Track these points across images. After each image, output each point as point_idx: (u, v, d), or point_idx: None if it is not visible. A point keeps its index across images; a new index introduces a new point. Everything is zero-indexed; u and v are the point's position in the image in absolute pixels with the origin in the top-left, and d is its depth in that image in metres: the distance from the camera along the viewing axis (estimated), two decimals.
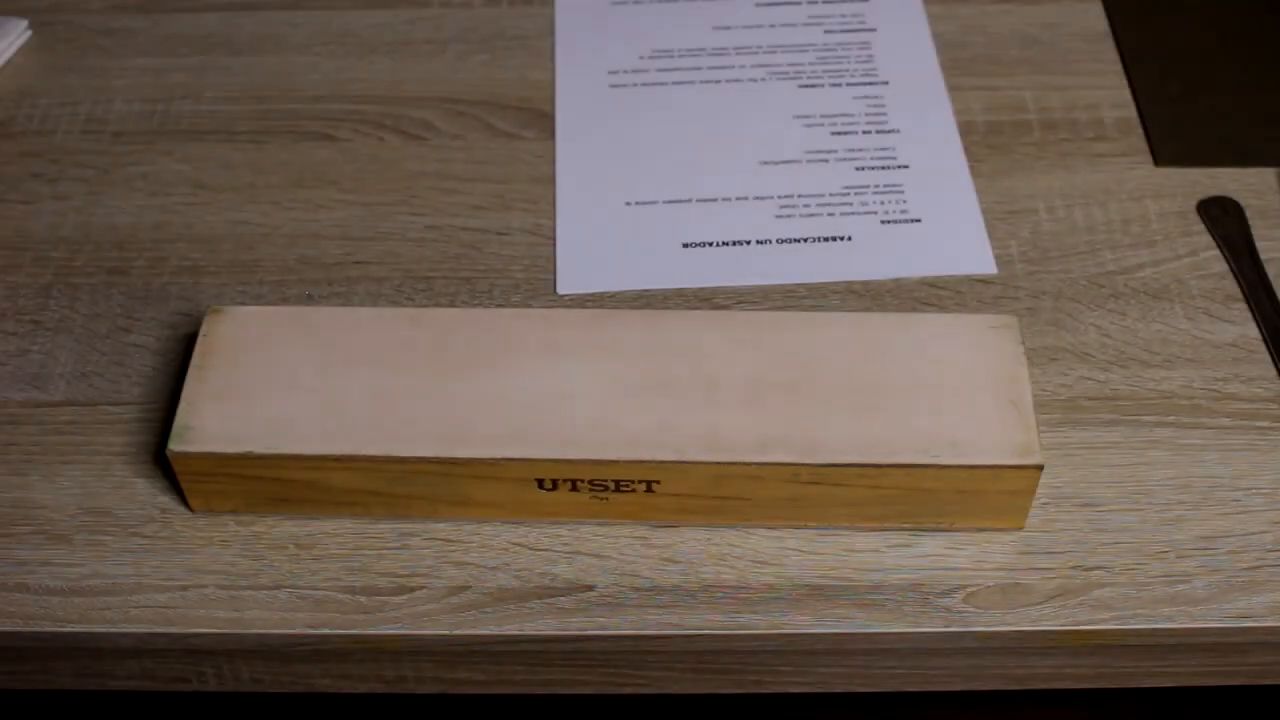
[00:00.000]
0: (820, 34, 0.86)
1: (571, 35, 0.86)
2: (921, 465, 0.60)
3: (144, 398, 0.68)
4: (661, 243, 0.75)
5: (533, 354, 0.63)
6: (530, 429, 0.61)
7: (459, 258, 0.74)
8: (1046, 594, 0.61)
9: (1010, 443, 0.60)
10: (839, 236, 0.75)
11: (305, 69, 0.84)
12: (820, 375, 0.62)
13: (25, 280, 0.74)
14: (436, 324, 0.64)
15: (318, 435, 0.61)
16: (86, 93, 0.83)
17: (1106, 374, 0.68)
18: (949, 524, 0.62)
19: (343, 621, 0.61)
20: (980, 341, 0.63)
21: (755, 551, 0.63)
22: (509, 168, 0.79)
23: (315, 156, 0.79)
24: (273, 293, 0.73)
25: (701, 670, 0.64)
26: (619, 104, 0.82)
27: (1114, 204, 0.76)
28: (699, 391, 0.62)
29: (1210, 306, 0.71)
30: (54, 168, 0.79)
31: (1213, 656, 0.63)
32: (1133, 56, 0.83)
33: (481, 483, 0.61)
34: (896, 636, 0.61)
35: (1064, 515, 0.64)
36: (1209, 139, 0.79)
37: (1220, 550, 0.62)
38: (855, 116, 0.81)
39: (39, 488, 0.65)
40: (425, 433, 0.61)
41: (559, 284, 0.73)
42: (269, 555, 0.63)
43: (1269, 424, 0.67)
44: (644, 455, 0.60)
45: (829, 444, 0.60)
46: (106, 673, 0.65)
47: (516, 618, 0.61)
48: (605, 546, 0.63)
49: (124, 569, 0.63)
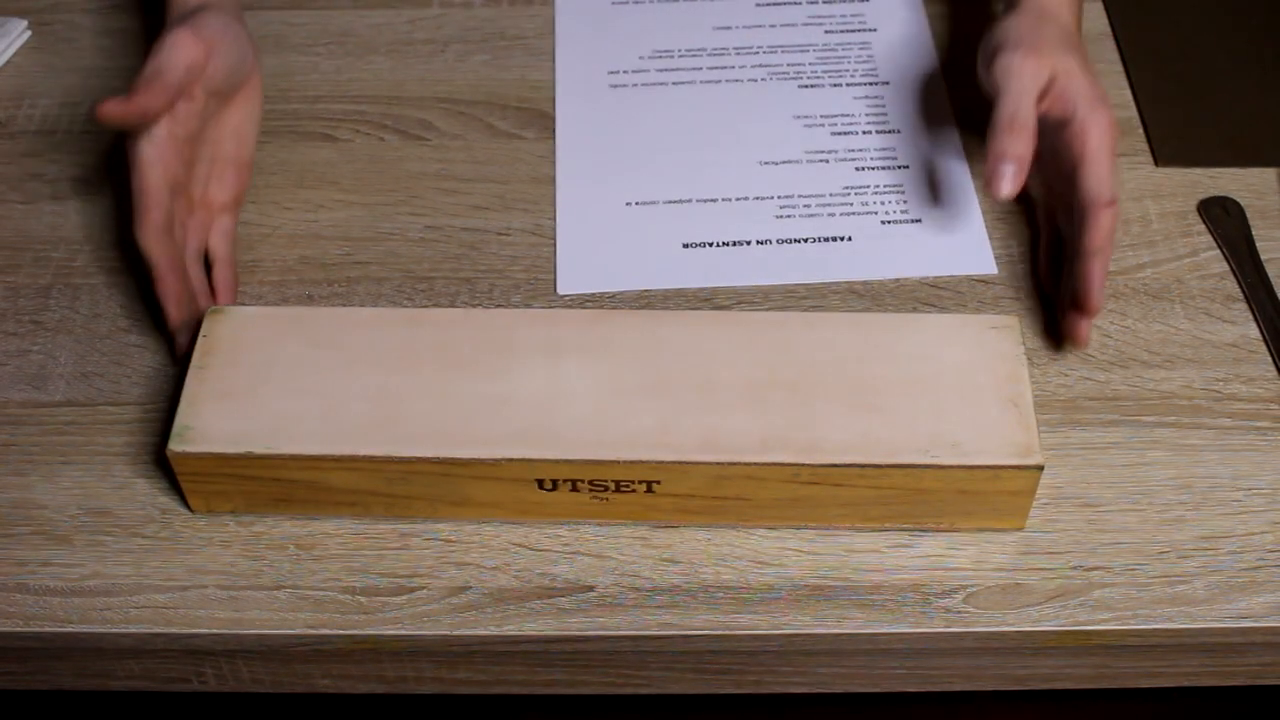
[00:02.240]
0: (820, 34, 0.86)
1: (571, 35, 0.86)
2: (922, 466, 0.60)
3: (144, 398, 0.68)
4: (661, 243, 0.75)
5: (533, 354, 0.63)
6: (530, 429, 0.61)
7: (459, 258, 0.74)
8: (1046, 594, 0.61)
9: (1011, 443, 0.60)
10: (839, 237, 0.75)
11: (305, 69, 0.84)
12: (820, 375, 0.62)
13: (25, 280, 0.74)
14: (436, 324, 0.64)
15: (318, 436, 0.61)
16: (86, 93, 0.83)
17: (1107, 374, 0.68)
18: (949, 524, 0.62)
19: (343, 622, 0.61)
20: (980, 341, 0.63)
21: (755, 551, 0.63)
22: (509, 168, 0.79)
23: (315, 156, 0.79)
24: (273, 293, 0.73)
25: (701, 670, 0.64)
26: (619, 104, 0.82)
27: None
28: (699, 392, 0.62)
29: (1210, 307, 0.71)
30: (54, 168, 0.79)
31: (1213, 657, 0.63)
32: (1133, 56, 0.83)
33: (481, 483, 0.61)
34: (896, 637, 0.61)
35: (1064, 515, 0.64)
36: (1209, 139, 0.79)
37: (1220, 550, 0.62)
38: (855, 116, 0.81)
39: (39, 488, 0.65)
40: (425, 433, 0.61)
41: (559, 284, 0.73)
42: (269, 555, 0.63)
43: (1269, 424, 0.67)
44: (644, 456, 0.60)
45: (829, 444, 0.60)
46: (106, 673, 0.65)
47: (516, 618, 0.61)
48: (605, 547, 0.63)
49: (124, 569, 0.63)
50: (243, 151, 0.72)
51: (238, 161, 0.72)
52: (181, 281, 0.66)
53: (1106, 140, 0.66)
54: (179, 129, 0.67)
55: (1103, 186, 0.66)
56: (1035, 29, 0.69)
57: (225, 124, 0.71)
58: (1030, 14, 0.70)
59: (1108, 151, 0.66)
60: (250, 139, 0.73)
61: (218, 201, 0.71)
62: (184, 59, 0.66)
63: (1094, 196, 0.66)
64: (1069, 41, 0.69)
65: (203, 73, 0.67)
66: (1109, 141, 0.67)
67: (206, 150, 0.70)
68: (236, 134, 0.72)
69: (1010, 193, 0.65)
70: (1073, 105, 0.67)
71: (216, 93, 0.69)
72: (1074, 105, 0.67)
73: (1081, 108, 0.67)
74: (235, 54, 0.69)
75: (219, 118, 0.71)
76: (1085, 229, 0.65)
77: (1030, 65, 0.67)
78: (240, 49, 0.70)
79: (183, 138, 0.67)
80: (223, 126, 0.71)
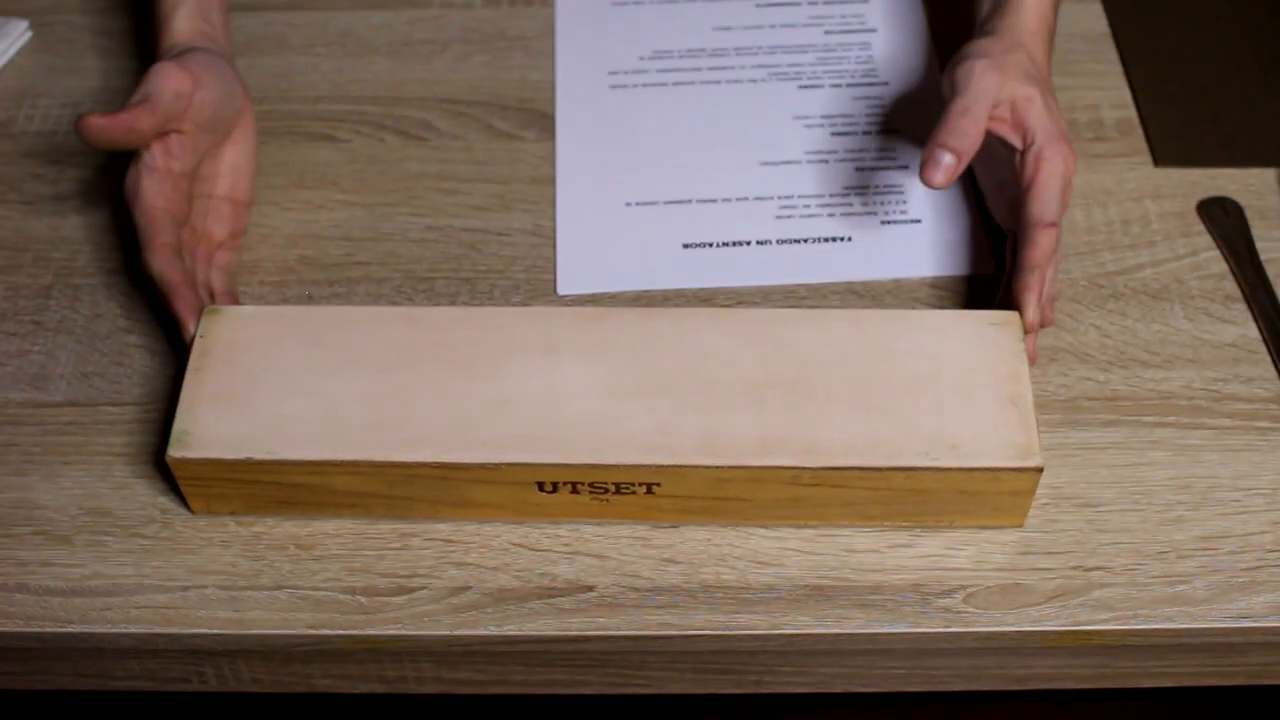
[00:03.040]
0: (820, 34, 0.86)
1: (571, 35, 0.86)
2: (922, 468, 0.60)
3: (144, 398, 0.68)
4: (661, 243, 0.75)
5: (532, 354, 0.63)
6: (530, 432, 0.61)
7: (459, 258, 0.74)
8: (1046, 594, 0.61)
9: (1010, 444, 0.60)
10: (839, 237, 0.75)
11: (305, 69, 0.84)
12: (820, 374, 0.62)
13: (25, 281, 0.74)
14: (435, 322, 0.64)
15: (317, 440, 0.61)
16: (86, 93, 0.83)
17: (1107, 374, 0.69)
18: (949, 522, 0.62)
19: (343, 622, 0.61)
20: (980, 337, 0.63)
21: (755, 551, 0.63)
22: (509, 168, 0.79)
23: (315, 157, 0.79)
24: (273, 293, 0.73)
25: (701, 670, 0.64)
26: (619, 104, 0.82)
27: (1114, 204, 0.76)
28: (698, 391, 0.62)
29: (1210, 307, 0.71)
30: (54, 168, 0.79)
31: (1212, 656, 0.63)
32: (1133, 56, 0.83)
33: (482, 486, 0.61)
34: (896, 637, 0.61)
35: (1064, 515, 0.64)
36: (1209, 139, 0.79)
37: (1220, 551, 0.62)
38: (855, 117, 0.81)
39: (40, 488, 0.65)
40: (426, 437, 0.61)
41: (559, 284, 0.73)
42: (269, 556, 0.63)
43: (1269, 424, 0.67)
44: (644, 459, 0.60)
45: (829, 446, 0.60)
46: (107, 673, 0.65)
47: (517, 618, 0.61)
48: (605, 547, 0.63)
49: (125, 570, 0.63)
50: (239, 190, 0.73)
51: (234, 200, 0.72)
52: (196, 294, 0.66)
53: (1060, 169, 0.67)
54: (175, 164, 0.67)
55: (1046, 209, 0.66)
56: (1005, 53, 0.69)
57: (220, 163, 0.72)
58: (1003, 40, 0.70)
59: (1060, 180, 0.67)
60: (247, 177, 0.73)
61: (216, 238, 0.71)
62: (171, 85, 0.67)
63: (1036, 217, 0.66)
64: (1037, 74, 0.69)
65: (190, 103, 0.67)
66: (1064, 171, 0.67)
67: (203, 187, 0.71)
68: (232, 172, 0.73)
69: (942, 183, 0.65)
70: (1033, 134, 0.67)
71: (207, 128, 0.69)
72: (1034, 134, 0.67)
73: (1041, 137, 0.67)
74: (222, 88, 0.70)
75: (214, 157, 0.71)
76: (1023, 247, 0.66)
77: (992, 77, 0.68)
78: (227, 85, 0.71)
79: (179, 173, 0.68)
80: (218, 165, 0.72)
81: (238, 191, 0.73)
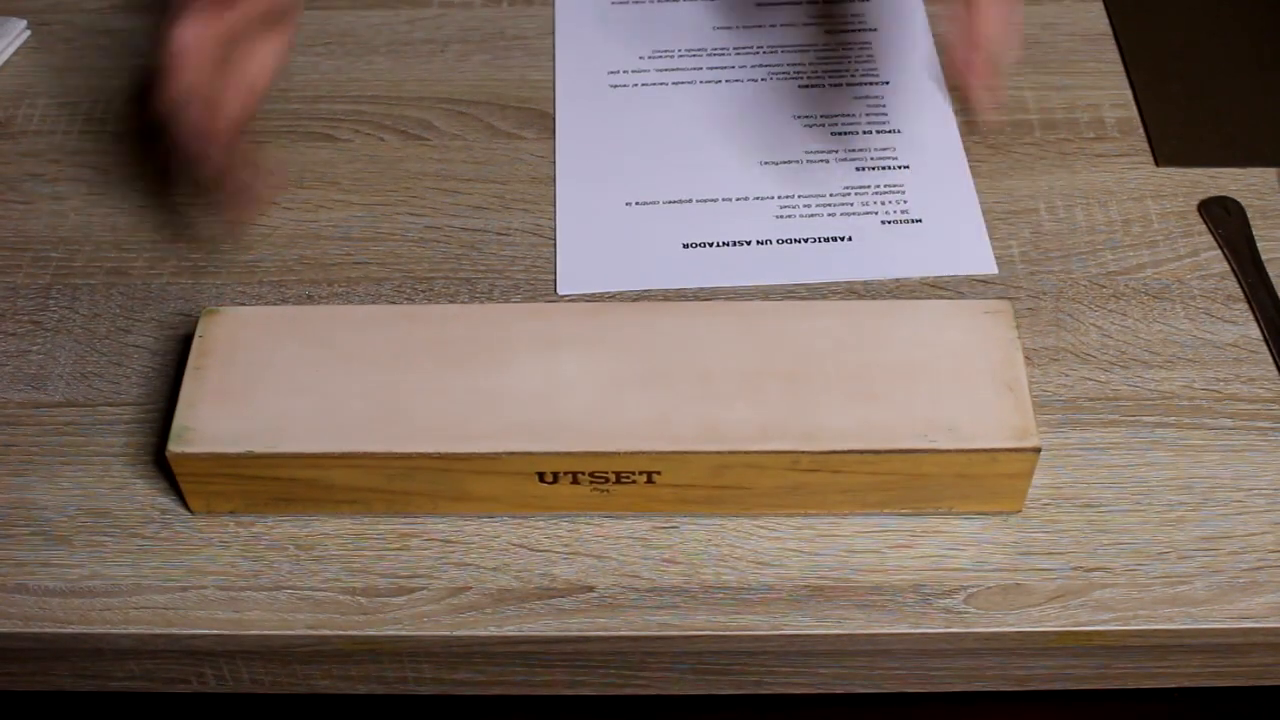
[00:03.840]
0: (820, 34, 0.86)
1: (571, 35, 0.86)
2: (920, 450, 0.60)
3: (144, 398, 0.68)
4: (661, 243, 0.75)
5: (531, 347, 0.63)
6: (530, 422, 0.61)
7: (459, 258, 0.74)
8: (1047, 595, 0.61)
9: (1007, 426, 0.60)
10: (839, 237, 0.75)
11: (305, 69, 0.84)
12: (817, 363, 0.62)
13: (25, 281, 0.74)
14: (433, 319, 0.65)
15: (317, 433, 0.61)
16: (86, 93, 0.83)
17: (1107, 374, 0.68)
18: (948, 507, 0.63)
19: (343, 622, 0.61)
20: (975, 326, 0.64)
21: (755, 552, 0.63)
22: (509, 168, 0.78)
23: (315, 156, 0.79)
24: (273, 293, 0.73)
25: (701, 671, 0.64)
26: (619, 104, 0.82)
27: (1115, 204, 0.76)
28: (697, 382, 0.62)
29: (1211, 307, 0.71)
30: (54, 168, 0.79)
31: (1213, 657, 0.63)
32: (1133, 56, 0.83)
33: (482, 477, 0.61)
34: (897, 637, 0.61)
35: (1064, 515, 0.64)
36: (1209, 139, 0.79)
37: (1221, 551, 0.62)
38: (855, 116, 0.81)
39: (38, 488, 0.65)
40: (425, 428, 0.61)
41: (559, 284, 0.73)
42: (269, 556, 0.63)
43: (1270, 424, 0.66)
44: (644, 446, 0.60)
45: (828, 431, 0.60)
46: (106, 674, 0.65)
47: (516, 619, 0.61)
48: (605, 547, 0.63)
49: (124, 570, 0.62)
50: (259, 81, 0.71)
51: (253, 88, 0.71)
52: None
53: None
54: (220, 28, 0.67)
55: None
56: None
57: (255, 53, 0.71)
58: None
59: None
60: (269, 74, 0.71)
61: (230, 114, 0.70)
62: None
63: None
64: None
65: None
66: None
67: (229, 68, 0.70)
68: (261, 64, 0.71)
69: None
70: None
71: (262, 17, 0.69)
72: None
73: None
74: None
75: (250, 45, 0.70)
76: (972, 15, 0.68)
77: None
78: None
79: (219, 37, 0.67)
80: (252, 53, 0.70)
81: (258, 82, 0.71)
